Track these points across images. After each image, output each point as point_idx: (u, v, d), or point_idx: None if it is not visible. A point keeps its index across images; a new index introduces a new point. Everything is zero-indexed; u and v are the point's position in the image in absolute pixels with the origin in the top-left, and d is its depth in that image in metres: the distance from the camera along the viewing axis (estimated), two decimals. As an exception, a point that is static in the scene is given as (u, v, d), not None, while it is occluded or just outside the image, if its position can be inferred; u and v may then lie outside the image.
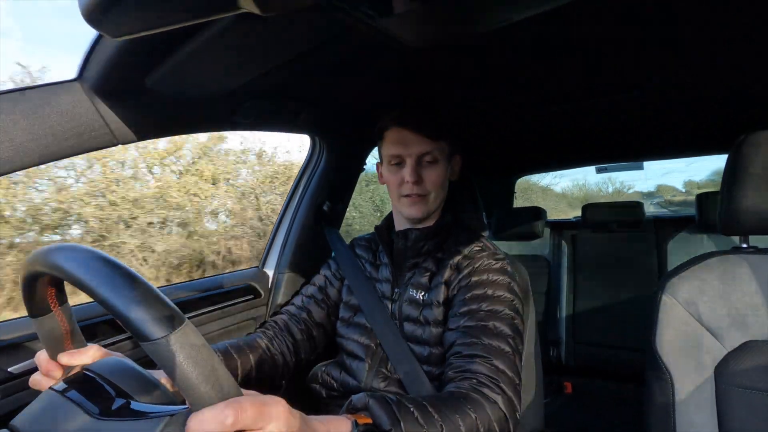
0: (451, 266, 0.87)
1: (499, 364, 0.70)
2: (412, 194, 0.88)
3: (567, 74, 0.93)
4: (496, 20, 0.61)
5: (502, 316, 0.77)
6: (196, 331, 0.38)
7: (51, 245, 0.43)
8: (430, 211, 0.90)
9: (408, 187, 0.87)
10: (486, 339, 0.73)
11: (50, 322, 0.53)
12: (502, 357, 0.72)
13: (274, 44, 0.62)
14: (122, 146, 0.78)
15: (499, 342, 0.73)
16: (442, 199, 0.92)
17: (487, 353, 0.71)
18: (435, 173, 0.88)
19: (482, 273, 0.83)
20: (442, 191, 0.91)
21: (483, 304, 0.78)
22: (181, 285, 1.07)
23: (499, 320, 0.76)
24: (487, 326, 0.75)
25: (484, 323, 0.75)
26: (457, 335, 0.76)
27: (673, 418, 0.73)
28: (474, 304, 0.78)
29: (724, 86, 1.04)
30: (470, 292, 0.80)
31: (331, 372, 0.93)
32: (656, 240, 2.04)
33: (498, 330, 0.75)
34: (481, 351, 0.72)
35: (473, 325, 0.76)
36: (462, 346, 0.74)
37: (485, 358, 0.71)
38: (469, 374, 0.69)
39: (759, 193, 0.73)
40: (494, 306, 0.78)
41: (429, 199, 0.89)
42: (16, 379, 0.69)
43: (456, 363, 0.73)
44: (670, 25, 0.71)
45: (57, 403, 0.44)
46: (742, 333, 0.72)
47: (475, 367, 0.70)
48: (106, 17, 0.40)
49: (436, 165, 0.88)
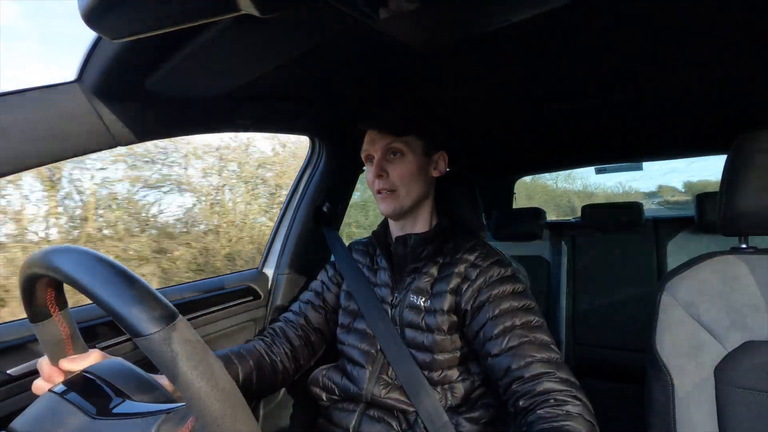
0: (458, 274, 0.85)
1: (562, 373, 0.70)
2: (381, 189, 0.87)
3: (566, 74, 0.93)
4: (495, 20, 0.61)
5: (536, 324, 0.77)
6: (190, 327, 0.38)
7: (46, 247, 0.43)
8: (403, 207, 0.88)
9: (376, 182, 0.87)
10: (538, 354, 0.73)
11: (51, 327, 0.52)
12: (559, 365, 0.72)
13: (273, 45, 0.62)
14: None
15: (549, 352, 0.73)
16: (418, 195, 0.90)
17: (548, 368, 0.71)
18: (401, 167, 0.87)
19: (498, 285, 0.82)
20: (414, 186, 0.89)
21: (516, 320, 0.77)
22: (181, 286, 1.07)
23: (537, 330, 0.76)
24: (532, 341, 0.74)
25: (527, 339, 0.75)
26: (509, 360, 0.74)
27: (673, 418, 0.73)
28: (507, 321, 0.77)
29: (724, 86, 1.04)
30: (496, 309, 0.79)
31: (332, 377, 0.92)
32: (656, 240, 2.04)
33: (541, 340, 0.75)
34: (542, 368, 0.71)
35: (517, 344, 0.74)
36: (521, 370, 0.72)
37: (550, 374, 0.70)
38: (543, 396, 0.68)
39: (758, 193, 0.73)
40: (526, 317, 0.78)
41: (399, 194, 0.88)
42: (16, 381, 0.69)
43: (524, 388, 0.71)
44: (669, 24, 0.71)
45: (56, 406, 0.44)
46: (742, 333, 0.72)
47: (544, 386, 0.69)
48: (105, 19, 0.41)
49: (402, 159, 0.87)
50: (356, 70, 0.83)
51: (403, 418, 0.83)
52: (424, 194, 0.92)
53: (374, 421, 0.84)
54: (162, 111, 0.78)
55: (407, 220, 0.93)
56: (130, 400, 0.45)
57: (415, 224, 0.93)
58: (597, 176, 13.03)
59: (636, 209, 2.07)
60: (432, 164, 0.93)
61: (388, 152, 0.88)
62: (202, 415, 0.36)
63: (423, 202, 0.92)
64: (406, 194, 0.88)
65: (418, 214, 0.93)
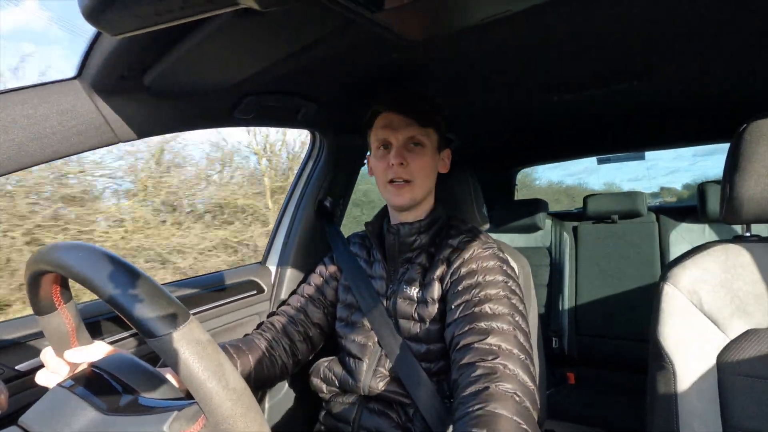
0: (441, 260, 0.85)
1: (500, 342, 0.68)
2: (398, 179, 0.86)
3: (568, 65, 0.92)
4: (495, 11, 0.60)
5: (496, 297, 0.75)
6: (201, 327, 0.38)
7: (54, 243, 0.43)
8: (416, 199, 0.88)
9: (393, 170, 0.85)
10: (483, 323, 0.71)
11: (56, 319, 0.53)
12: (502, 335, 0.69)
13: (274, 40, 0.62)
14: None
15: (499, 322, 0.71)
16: (429, 189, 0.90)
17: (484, 334, 0.69)
18: (421, 159, 0.86)
19: (472, 262, 0.81)
20: (428, 180, 0.89)
21: (475, 291, 0.76)
22: (185, 281, 1.08)
23: (494, 302, 0.74)
24: (482, 311, 0.73)
25: (479, 308, 0.74)
26: (453, 329, 0.75)
27: (675, 407, 0.74)
28: (467, 294, 0.77)
29: (727, 75, 1.03)
30: (462, 283, 0.79)
31: (333, 368, 0.93)
32: (658, 230, 2.04)
33: (495, 311, 0.73)
34: (477, 335, 0.70)
35: (468, 313, 0.74)
36: (459, 337, 0.72)
37: (483, 340, 0.68)
38: (475, 373, 0.65)
39: (761, 182, 0.72)
40: (487, 291, 0.76)
41: (415, 185, 0.86)
42: (25, 376, 0.70)
43: (457, 358, 0.71)
44: (672, 13, 0.70)
45: (65, 400, 0.44)
46: (744, 321, 0.72)
47: (477, 357, 0.67)
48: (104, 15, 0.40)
49: (423, 151, 0.87)
50: (356, 64, 0.83)
51: (402, 411, 0.84)
52: (432, 189, 0.93)
53: (374, 414, 0.85)
54: (162, 106, 0.78)
55: (411, 211, 0.92)
56: (139, 395, 0.45)
57: (414, 215, 0.93)
58: (597, 180, 12.92)
59: (638, 199, 2.07)
60: (440, 160, 0.93)
61: (409, 142, 0.86)
62: (213, 414, 0.36)
63: (428, 197, 0.93)
64: (421, 186, 0.87)
65: (421, 206, 0.92)
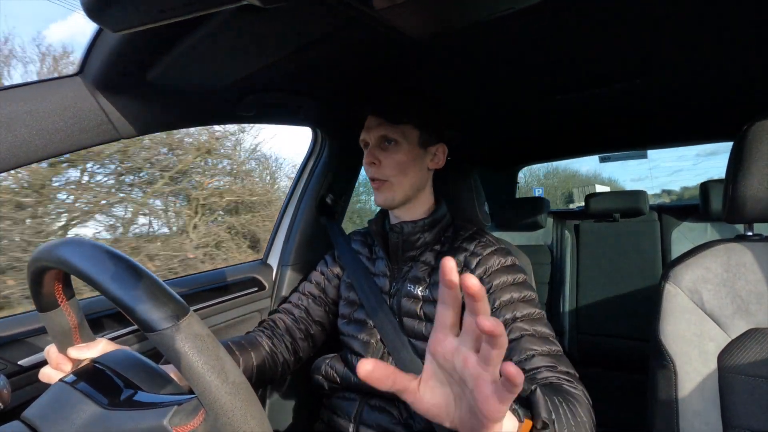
0: (457, 263, 0.84)
1: (562, 366, 0.70)
2: (374, 178, 0.87)
3: (571, 62, 0.92)
4: (498, 8, 0.60)
5: (536, 317, 0.76)
6: (200, 322, 0.39)
7: (56, 239, 0.44)
8: (395, 197, 0.87)
9: (367, 170, 0.87)
10: (539, 347, 0.72)
11: (58, 316, 0.53)
12: (559, 357, 0.71)
13: (276, 37, 0.61)
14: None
15: (550, 345, 0.72)
16: (412, 186, 0.89)
17: (549, 362, 0.70)
18: (393, 156, 0.86)
19: (498, 275, 0.81)
20: (406, 177, 0.87)
21: (516, 312, 0.76)
22: (186, 278, 1.08)
23: (537, 323, 0.75)
24: (533, 335, 0.73)
25: (528, 332, 0.74)
26: (509, 353, 0.72)
27: (676, 406, 0.74)
28: (507, 313, 0.76)
29: (730, 73, 1.02)
30: (497, 301, 0.78)
31: (335, 365, 0.93)
32: (660, 229, 2.04)
33: (541, 333, 0.74)
34: (542, 362, 0.70)
35: (518, 336, 0.73)
36: (522, 363, 0.70)
37: (550, 367, 0.69)
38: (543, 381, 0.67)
39: (765, 181, 0.72)
40: (527, 309, 0.77)
41: (392, 184, 0.86)
42: (27, 371, 0.70)
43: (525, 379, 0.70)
44: (674, 11, 0.70)
45: (67, 395, 0.44)
46: (746, 321, 0.72)
47: (544, 375, 0.68)
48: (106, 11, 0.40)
49: (396, 148, 0.86)
50: (358, 61, 0.82)
51: (403, 408, 0.84)
52: (418, 186, 0.90)
53: (375, 411, 0.85)
54: (164, 103, 0.78)
55: (402, 210, 0.92)
56: (140, 390, 0.45)
57: (411, 214, 0.92)
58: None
59: (640, 197, 2.07)
60: (429, 156, 0.91)
61: (383, 140, 0.87)
62: (213, 408, 0.36)
63: (418, 194, 0.91)
64: (398, 185, 0.87)
65: (414, 204, 0.92)
